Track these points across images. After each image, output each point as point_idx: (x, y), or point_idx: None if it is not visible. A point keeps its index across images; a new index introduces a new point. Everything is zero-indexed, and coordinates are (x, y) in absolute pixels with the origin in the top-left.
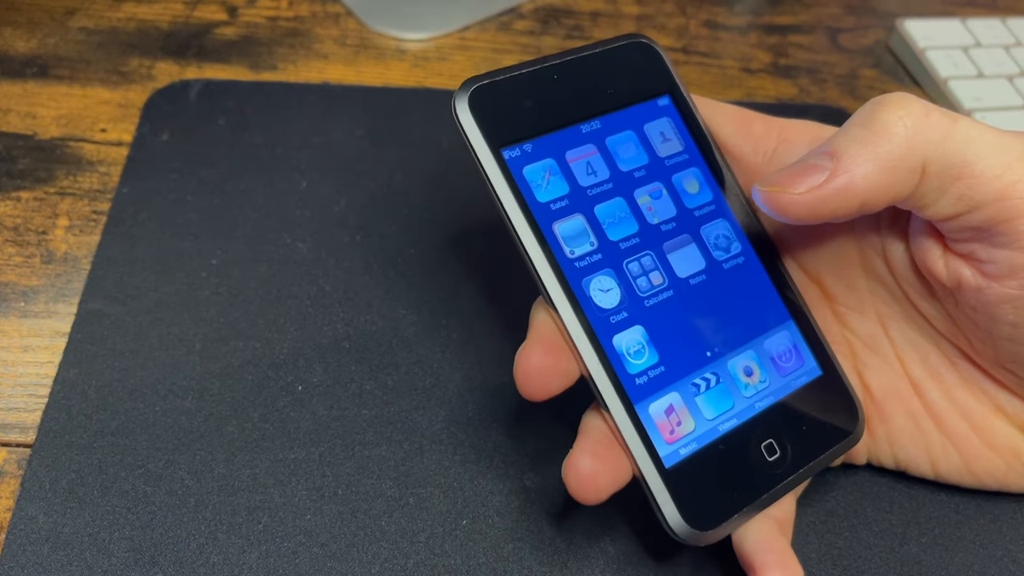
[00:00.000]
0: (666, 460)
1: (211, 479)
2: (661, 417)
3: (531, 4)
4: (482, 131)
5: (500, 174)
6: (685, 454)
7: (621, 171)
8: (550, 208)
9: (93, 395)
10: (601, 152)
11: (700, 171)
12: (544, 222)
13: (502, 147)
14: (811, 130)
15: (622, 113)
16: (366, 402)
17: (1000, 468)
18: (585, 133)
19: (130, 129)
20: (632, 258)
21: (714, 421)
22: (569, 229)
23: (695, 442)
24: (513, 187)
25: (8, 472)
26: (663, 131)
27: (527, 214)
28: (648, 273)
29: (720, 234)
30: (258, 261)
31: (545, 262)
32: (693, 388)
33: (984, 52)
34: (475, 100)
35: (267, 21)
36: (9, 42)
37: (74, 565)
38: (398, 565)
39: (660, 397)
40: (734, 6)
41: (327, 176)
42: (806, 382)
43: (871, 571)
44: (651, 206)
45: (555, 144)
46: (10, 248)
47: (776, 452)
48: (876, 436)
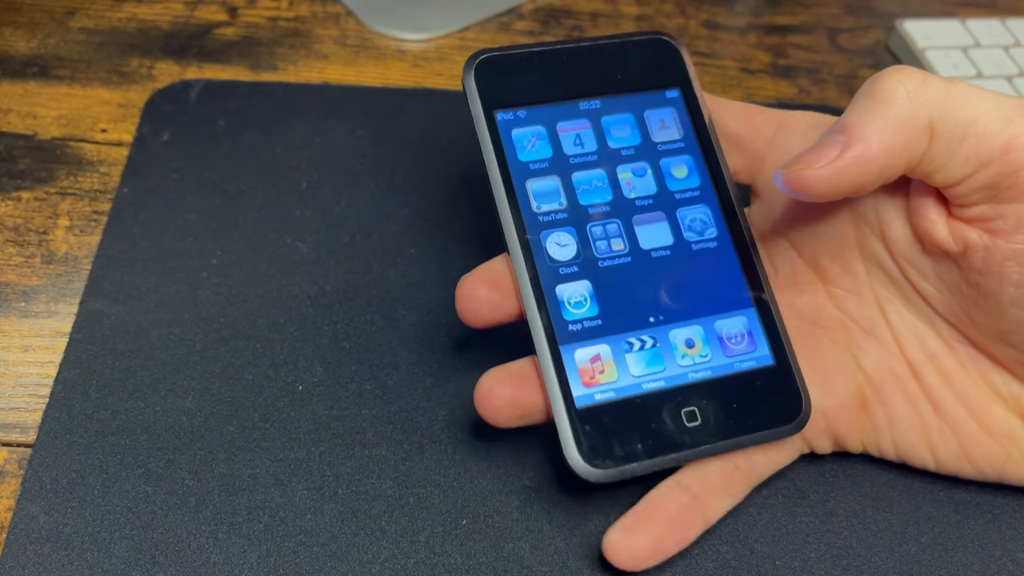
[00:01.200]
0: (578, 400)
1: (211, 479)
2: (585, 363)
3: (531, 4)
4: (479, 93)
5: (487, 131)
6: (599, 400)
7: (609, 147)
8: (528, 167)
9: (94, 395)
10: (594, 128)
11: (692, 159)
12: (519, 178)
13: (495, 109)
14: (808, 117)
15: (626, 98)
16: (366, 402)
17: (998, 455)
18: (583, 110)
19: (130, 129)
20: (597, 223)
21: (640, 378)
22: (542, 187)
23: (613, 392)
24: (497, 145)
25: (9, 472)
26: (664, 119)
27: (504, 170)
28: (610, 239)
29: (697, 218)
30: (258, 261)
31: (508, 211)
32: (626, 345)
33: (983, 52)
34: (481, 67)
35: (267, 21)
36: (10, 42)
37: (75, 565)
38: (398, 565)
39: (588, 345)
40: (734, 6)
41: (327, 176)
42: (753, 367)
43: (871, 571)
44: (631, 182)
45: (549, 115)
46: (11, 248)
47: (696, 420)
48: (876, 420)
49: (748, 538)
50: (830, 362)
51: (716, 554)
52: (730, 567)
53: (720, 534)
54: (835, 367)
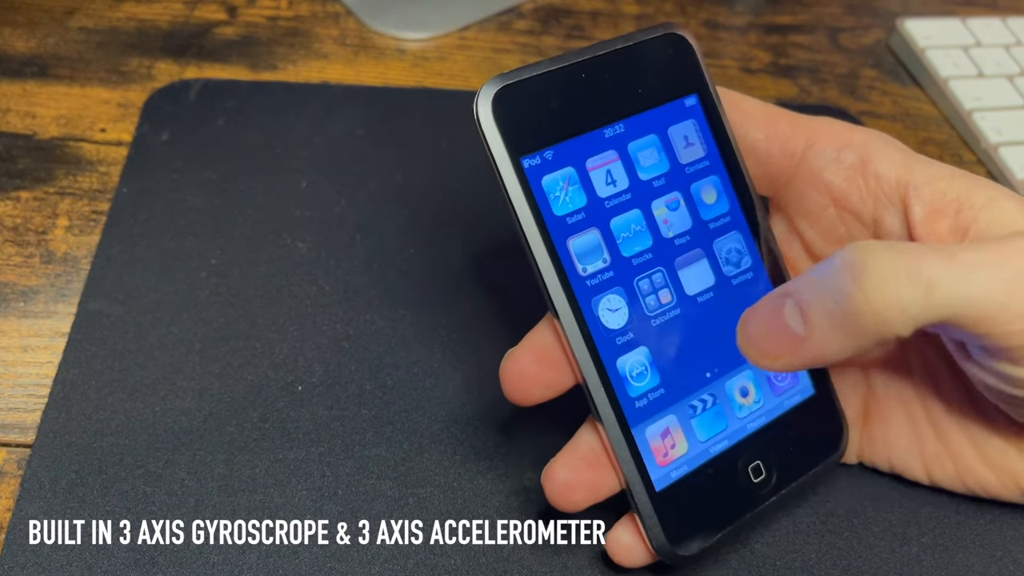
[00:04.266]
0: (657, 483)
1: (211, 479)
2: (656, 440)
3: (531, 4)
4: (503, 137)
5: (518, 185)
6: (675, 477)
7: (641, 180)
8: (566, 222)
9: (93, 395)
10: (622, 159)
11: (719, 179)
12: (559, 237)
13: (522, 155)
14: (838, 133)
15: (647, 115)
16: (366, 402)
17: (993, 484)
18: (608, 138)
19: (130, 129)
20: (643, 275)
21: (706, 443)
22: (583, 245)
23: (686, 464)
24: (530, 199)
25: (8, 472)
26: (687, 135)
27: (542, 228)
28: (658, 291)
29: (732, 248)
30: (258, 261)
31: (556, 279)
32: (690, 410)
33: (984, 52)
34: (498, 103)
35: (267, 21)
36: (9, 42)
37: (74, 565)
38: (398, 565)
39: (657, 420)
40: (734, 6)
41: (327, 176)
42: (798, 401)
43: (871, 571)
44: (667, 218)
45: (576, 151)
46: (10, 248)
47: (761, 474)
48: (874, 437)
49: (748, 538)
50: (840, 377)
51: (716, 554)
52: (730, 567)
53: None
54: (845, 383)
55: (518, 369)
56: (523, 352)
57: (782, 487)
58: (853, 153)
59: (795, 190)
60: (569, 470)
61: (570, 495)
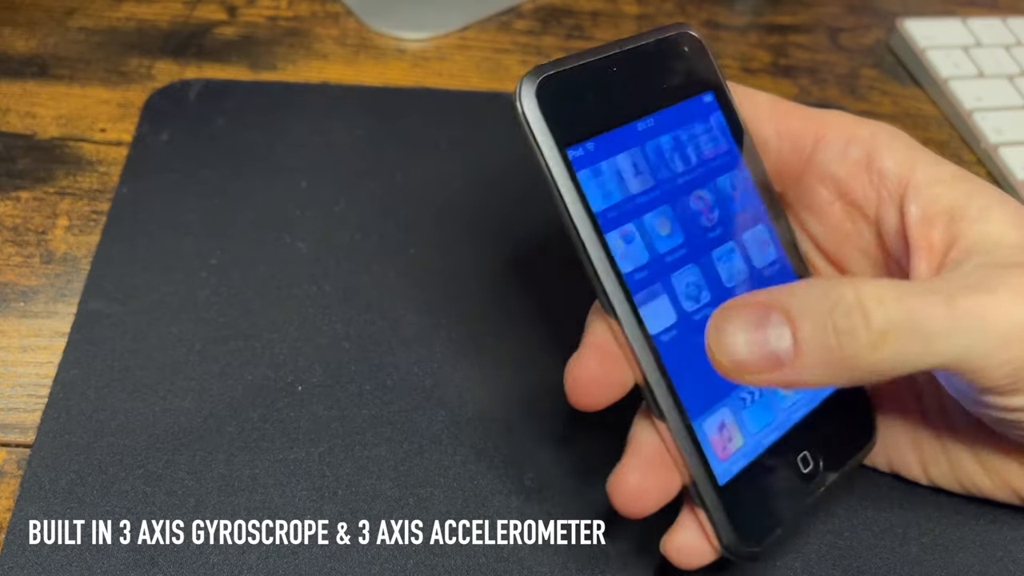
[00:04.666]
0: (720, 478)
1: (211, 479)
2: (715, 433)
3: (531, 4)
4: (549, 126)
5: (567, 175)
6: (735, 471)
7: (673, 174)
8: (609, 216)
9: (93, 395)
10: (655, 153)
11: (740, 173)
12: (606, 229)
13: (568, 146)
14: (846, 126)
15: (673, 110)
16: (366, 402)
17: (988, 487)
18: (640, 131)
19: (130, 129)
20: (682, 269)
21: (758, 435)
22: (628, 238)
23: (744, 457)
24: (579, 191)
25: (8, 472)
26: (710, 130)
27: (593, 222)
28: (697, 285)
29: (759, 239)
30: (258, 261)
31: (610, 272)
32: (740, 402)
33: (984, 52)
34: (543, 91)
35: (267, 21)
36: (8, 42)
37: (74, 565)
38: (398, 565)
39: (713, 414)
40: (734, 6)
41: (327, 176)
42: (832, 391)
43: (871, 571)
44: (700, 212)
45: (614, 143)
46: (9, 248)
47: (810, 464)
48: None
49: None
50: None
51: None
52: (730, 566)
53: None
54: None
55: (586, 373)
56: (588, 354)
57: (829, 477)
58: (859, 148)
59: (803, 185)
60: (639, 474)
61: (645, 500)
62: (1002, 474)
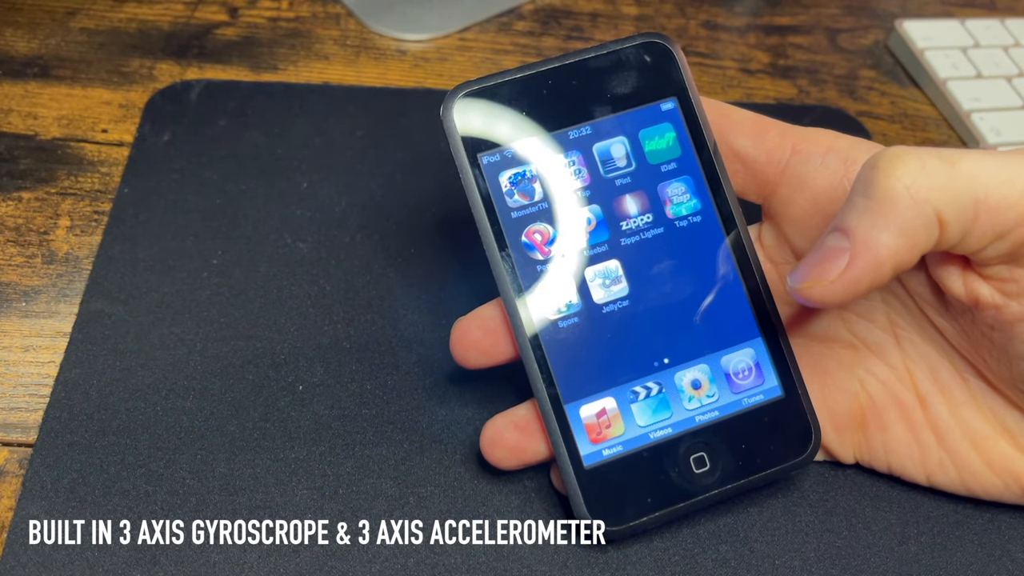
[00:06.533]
0: (586, 460)
1: (212, 479)
2: (591, 419)
3: (531, 5)
4: (462, 135)
5: (472, 178)
6: (608, 455)
7: (603, 178)
8: (516, 214)
9: (94, 395)
10: (585, 158)
11: (693, 181)
12: (511, 228)
13: (479, 152)
14: (824, 139)
15: (618, 118)
16: (366, 402)
17: (996, 487)
18: (572, 139)
19: (131, 129)
20: (596, 265)
21: (646, 428)
22: (534, 235)
23: (621, 446)
24: (484, 192)
25: (10, 472)
26: (659, 137)
27: (492, 219)
28: (611, 281)
29: (700, 246)
30: (258, 261)
31: (501, 265)
32: (631, 395)
33: (983, 53)
34: (462, 106)
35: (268, 22)
36: (10, 43)
37: (75, 565)
38: (398, 565)
39: (593, 399)
40: (733, 7)
41: (327, 176)
42: (761, 401)
43: (871, 571)
44: (628, 215)
45: (537, 151)
46: (12, 248)
47: (705, 465)
48: (872, 443)
49: (748, 538)
50: (831, 381)
51: (716, 553)
52: (730, 567)
53: (720, 534)
54: (835, 386)
55: (463, 334)
56: (471, 321)
57: (728, 482)
58: (837, 158)
59: (782, 196)
60: (496, 429)
61: (494, 450)
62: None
